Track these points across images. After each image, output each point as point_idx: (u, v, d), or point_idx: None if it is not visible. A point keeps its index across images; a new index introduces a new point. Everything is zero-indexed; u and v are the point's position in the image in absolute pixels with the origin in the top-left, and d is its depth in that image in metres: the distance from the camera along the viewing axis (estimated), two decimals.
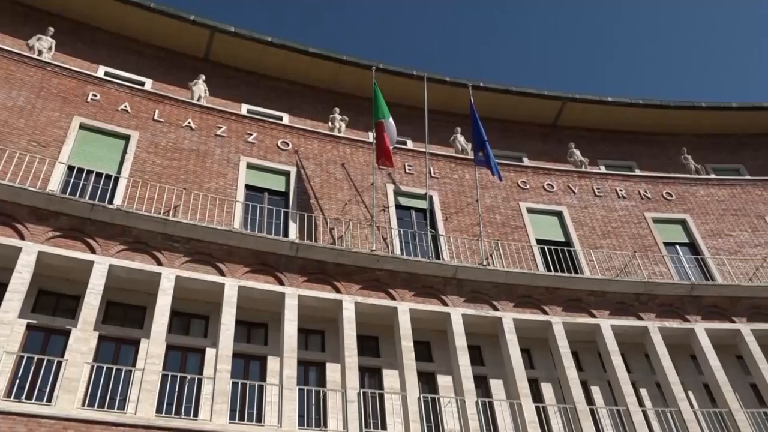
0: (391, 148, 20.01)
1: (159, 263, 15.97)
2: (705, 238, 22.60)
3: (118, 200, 17.09)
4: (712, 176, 25.52)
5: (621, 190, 23.79)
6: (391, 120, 20.30)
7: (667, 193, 24.08)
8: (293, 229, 18.59)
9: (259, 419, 15.29)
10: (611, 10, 60.68)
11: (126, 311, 16.02)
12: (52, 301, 15.55)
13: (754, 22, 58.63)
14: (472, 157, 22.12)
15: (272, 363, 16.24)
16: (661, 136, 28.31)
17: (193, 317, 16.55)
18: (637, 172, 26.14)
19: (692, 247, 22.44)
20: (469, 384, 16.43)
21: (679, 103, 27.94)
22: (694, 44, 61.22)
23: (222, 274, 16.37)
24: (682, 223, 23.12)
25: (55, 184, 16.74)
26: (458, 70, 63.02)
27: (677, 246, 22.41)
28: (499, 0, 59.48)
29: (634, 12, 60.25)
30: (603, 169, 26.19)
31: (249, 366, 16.22)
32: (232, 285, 16.17)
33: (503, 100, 26.79)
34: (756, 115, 28.00)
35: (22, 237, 15.16)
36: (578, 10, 60.36)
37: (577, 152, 25.45)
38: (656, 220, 23.00)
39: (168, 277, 15.75)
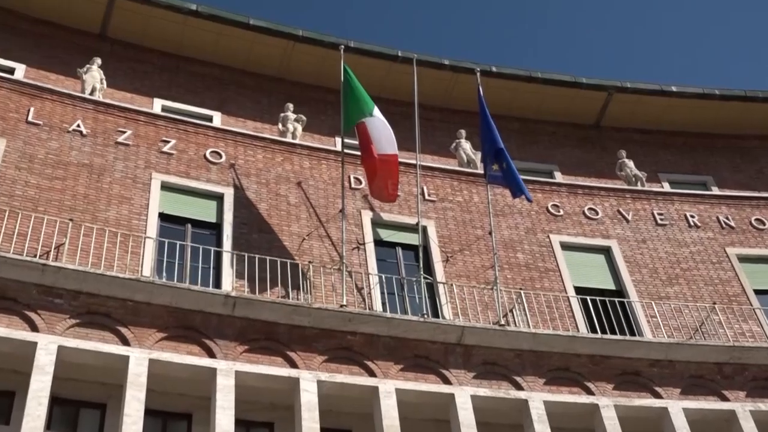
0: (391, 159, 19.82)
1: (34, 328, 15.71)
2: None
3: None
4: None
5: (693, 217, 23.95)
6: (377, 115, 20.14)
7: (756, 220, 24.28)
8: (228, 276, 18.45)
9: None
10: None
11: None
12: None
13: None
14: (483, 172, 22.15)
15: None
16: (747, 140, 28.64)
17: (84, 406, 16.28)
18: (715, 191, 26.31)
19: None
20: None
21: None
22: None
23: (125, 342, 16.15)
24: None
25: None
26: (460, 50, 63.51)
27: None
28: None
29: None
30: (667, 187, 26.33)
31: None
32: (139, 358, 15.96)
33: (525, 91, 26.95)
34: None
35: None
36: None
37: (630, 163, 25.61)
38: (743, 259, 23.15)
39: (47, 348, 15.47)
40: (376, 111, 20.16)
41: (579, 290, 21.29)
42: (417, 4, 60.25)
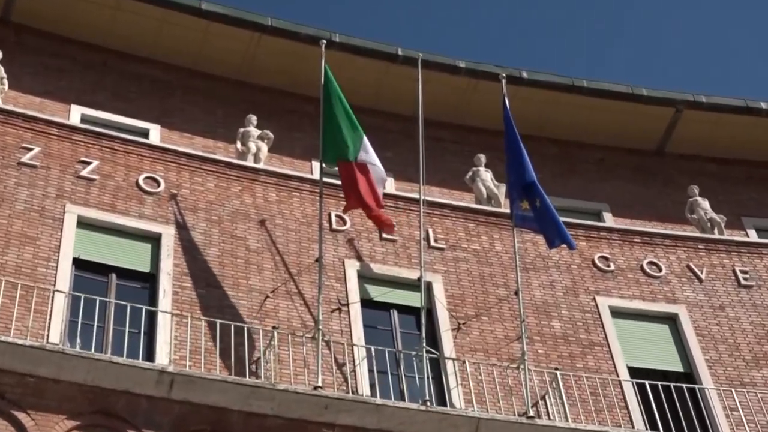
0: (380, 194, 20.24)
1: None
2: None
3: None
4: None
5: None
6: (365, 141, 20.39)
7: None
8: (165, 345, 18.38)
9: None
10: None
11: None
12: None
13: None
14: (508, 211, 22.15)
15: None
16: None
17: None
18: None
19: None
20: None
21: None
22: None
23: (22, 431, 16.03)
24: None
25: None
26: (480, 49, 63.82)
27: None
28: None
29: None
30: (753, 236, 26.36)
31: None
32: None
33: (565, 105, 27.08)
34: None
35: None
36: None
37: (705, 203, 25.61)
38: None
39: None
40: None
41: (634, 372, 21.22)
42: None
